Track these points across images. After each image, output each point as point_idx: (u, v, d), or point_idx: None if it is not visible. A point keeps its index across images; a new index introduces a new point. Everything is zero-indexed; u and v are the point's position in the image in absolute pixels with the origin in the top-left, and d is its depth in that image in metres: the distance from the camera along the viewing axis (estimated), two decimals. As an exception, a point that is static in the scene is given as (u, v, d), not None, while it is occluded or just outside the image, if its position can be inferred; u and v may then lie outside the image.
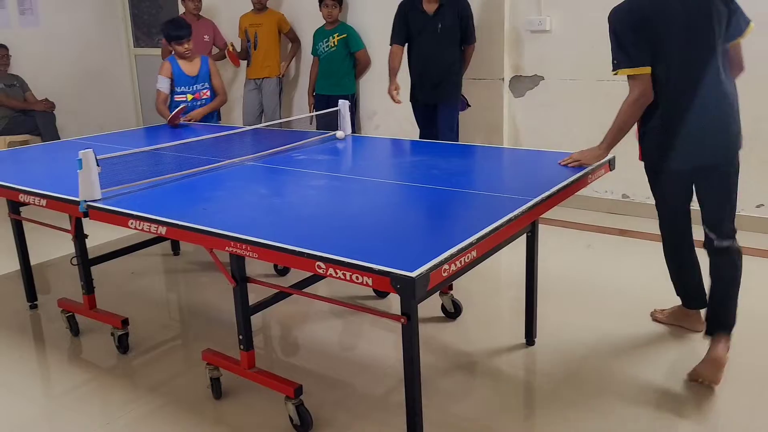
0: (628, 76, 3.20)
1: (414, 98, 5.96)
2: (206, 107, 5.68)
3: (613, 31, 3.20)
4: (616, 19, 3.20)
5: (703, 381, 3.23)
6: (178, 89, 5.64)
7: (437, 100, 5.83)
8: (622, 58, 3.18)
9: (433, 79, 5.76)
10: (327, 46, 6.80)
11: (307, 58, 7.39)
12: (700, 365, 3.27)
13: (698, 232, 3.44)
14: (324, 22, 6.84)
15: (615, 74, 3.23)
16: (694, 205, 3.44)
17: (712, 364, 3.24)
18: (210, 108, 5.73)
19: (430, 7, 5.63)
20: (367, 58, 6.92)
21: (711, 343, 3.31)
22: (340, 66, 6.83)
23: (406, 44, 5.84)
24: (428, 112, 5.93)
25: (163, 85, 5.58)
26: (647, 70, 3.16)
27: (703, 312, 3.60)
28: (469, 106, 6.04)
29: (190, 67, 5.65)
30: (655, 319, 3.88)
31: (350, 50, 6.82)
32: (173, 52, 5.65)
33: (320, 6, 6.74)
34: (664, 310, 3.89)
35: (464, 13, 5.69)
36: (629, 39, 3.16)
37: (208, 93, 5.73)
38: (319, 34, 6.89)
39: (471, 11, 5.74)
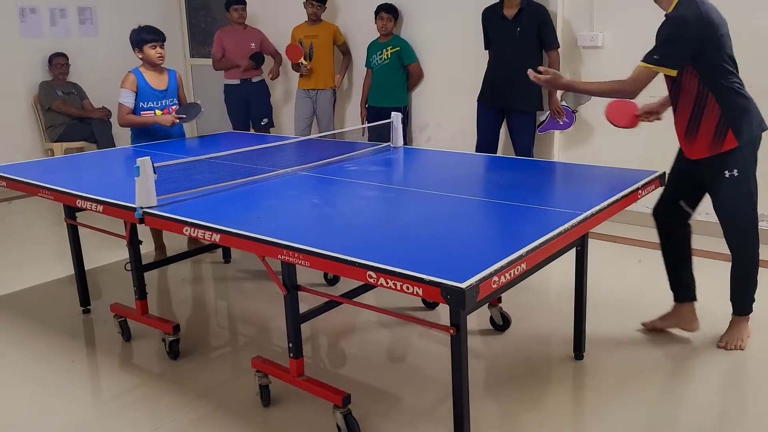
0: (647, 70, 3.43)
1: (482, 98, 6.08)
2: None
3: (674, 30, 3.38)
4: (683, 22, 3.36)
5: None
6: (143, 104, 5.07)
7: (510, 103, 5.87)
8: (668, 56, 3.39)
9: (511, 83, 5.78)
10: (380, 59, 6.84)
11: (358, 70, 7.44)
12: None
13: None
14: (378, 35, 6.88)
15: (646, 65, 3.43)
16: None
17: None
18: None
19: (510, 12, 5.79)
20: (419, 71, 6.95)
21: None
22: (393, 78, 6.86)
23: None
24: (495, 116, 6.02)
25: (127, 99, 5.00)
26: (674, 72, 3.41)
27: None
28: (576, 113, 6.05)
29: (157, 81, 5.12)
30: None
31: (403, 63, 6.85)
32: (142, 62, 5.11)
33: (375, 19, 6.79)
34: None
35: (542, 18, 5.77)
36: (685, 43, 3.36)
37: (177, 109, 5.24)
38: (373, 47, 6.94)
39: (549, 16, 5.81)
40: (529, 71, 3.73)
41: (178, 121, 5.11)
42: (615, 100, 3.92)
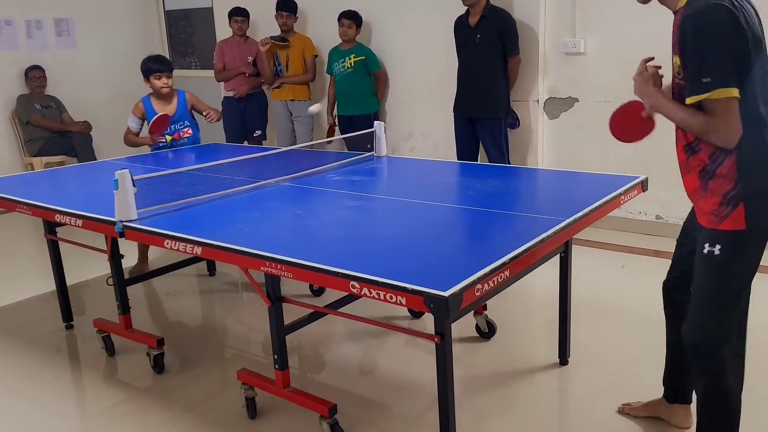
0: (707, 102, 2.30)
1: (455, 109, 6.10)
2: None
3: (703, 38, 2.28)
4: (712, 22, 2.26)
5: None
6: None
7: (476, 113, 5.92)
8: (716, 75, 2.26)
9: (473, 90, 5.90)
10: (343, 67, 6.78)
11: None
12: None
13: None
14: (339, 41, 6.84)
15: (698, 99, 2.32)
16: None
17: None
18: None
19: (473, 20, 5.84)
20: (385, 77, 6.98)
21: None
22: (360, 86, 6.81)
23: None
24: (467, 125, 6.02)
25: (132, 123, 5.27)
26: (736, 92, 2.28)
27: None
28: (519, 123, 6.12)
29: (165, 108, 5.24)
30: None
31: (369, 71, 6.82)
32: (150, 92, 5.27)
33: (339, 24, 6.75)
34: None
35: (505, 25, 5.78)
36: (725, 49, 2.26)
37: (190, 131, 5.37)
38: (335, 54, 6.88)
39: (513, 24, 5.83)
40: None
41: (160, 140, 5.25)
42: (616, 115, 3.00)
